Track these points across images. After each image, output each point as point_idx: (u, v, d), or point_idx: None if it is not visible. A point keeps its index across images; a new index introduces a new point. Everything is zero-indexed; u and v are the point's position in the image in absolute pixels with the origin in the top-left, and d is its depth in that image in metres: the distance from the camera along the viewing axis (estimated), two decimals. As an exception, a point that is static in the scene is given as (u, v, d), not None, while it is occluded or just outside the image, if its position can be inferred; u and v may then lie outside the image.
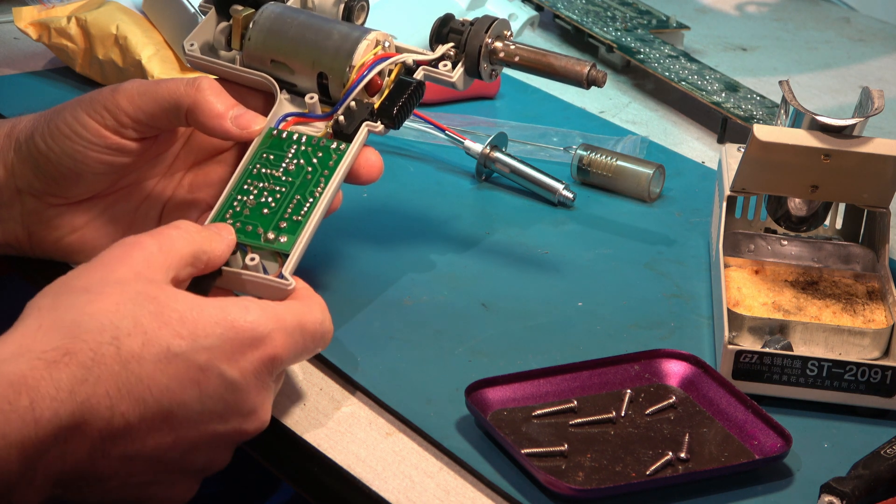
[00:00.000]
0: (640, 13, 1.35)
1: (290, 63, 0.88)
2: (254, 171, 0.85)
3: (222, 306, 0.75)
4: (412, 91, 0.88)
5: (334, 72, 0.88)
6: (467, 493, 0.77)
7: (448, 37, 0.90)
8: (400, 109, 0.87)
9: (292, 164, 0.85)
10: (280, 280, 0.81)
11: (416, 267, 0.95)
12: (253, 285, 0.82)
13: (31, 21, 1.16)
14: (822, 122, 0.89)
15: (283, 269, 0.81)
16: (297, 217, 0.83)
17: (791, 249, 0.95)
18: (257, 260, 0.82)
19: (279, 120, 0.88)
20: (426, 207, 1.03)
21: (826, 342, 0.86)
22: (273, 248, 0.82)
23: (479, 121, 1.15)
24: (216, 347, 0.74)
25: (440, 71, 0.89)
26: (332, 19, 0.90)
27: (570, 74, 0.90)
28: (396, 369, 0.85)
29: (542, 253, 0.99)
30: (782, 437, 0.79)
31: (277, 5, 0.90)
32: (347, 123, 0.87)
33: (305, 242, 0.83)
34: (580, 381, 0.84)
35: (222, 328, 0.74)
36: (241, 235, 0.83)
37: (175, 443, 0.74)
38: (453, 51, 0.90)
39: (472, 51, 0.89)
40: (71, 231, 0.90)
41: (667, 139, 1.18)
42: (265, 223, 0.83)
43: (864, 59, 1.39)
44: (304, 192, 0.84)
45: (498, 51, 0.90)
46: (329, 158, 0.86)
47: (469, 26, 0.90)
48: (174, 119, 0.86)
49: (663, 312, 0.93)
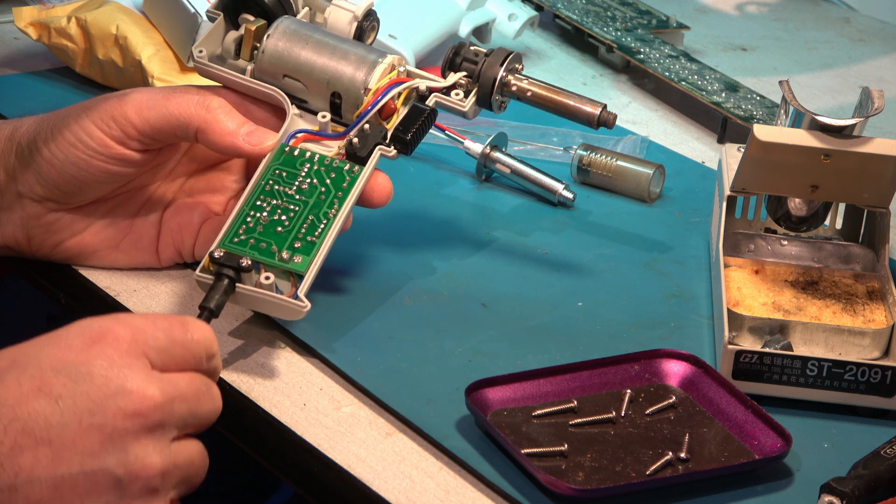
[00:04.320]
0: (640, 13, 1.35)
1: (303, 80, 0.89)
2: (266, 188, 0.86)
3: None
4: (425, 119, 0.89)
5: (349, 94, 0.88)
6: (467, 493, 0.77)
7: (461, 66, 0.91)
8: (413, 136, 0.88)
9: (305, 182, 0.86)
10: (295, 301, 0.82)
11: (416, 267, 0.95)
12: (268, 305, 0.83)
13: (31, 21, 1.16)
14: (822, 122, 0.89)
15: (298, 290, 0.82)
16: (312, 238, 0.84)
17: (791, 249, 0.95)
18: (272, 279, 0.82)
19: (290, 136, 0.88)
20: (426, 207, 1.03)
21: (826, 342, 0.86)
22: (288, 267, 0.83)
23: (479, 121, 1.15)
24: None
25: (452, 100, 0.90)
26: (346, 39, 0.90)
27: (581, 114, 0.92)
28: (396, 369, 0.85)
29: (542, 253, 0.99)
30: (782, 437, 0.79)
31: (293, 21, 0.90)
32: (361, 146, 0.87)
33: (319, 263, 0.83)
34: (580, 381, 0.84)
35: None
36: (256, 252, 0.83)
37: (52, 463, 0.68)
38: (465, 80, 0.91)
39: (486, 83, 0.90)
40: (71, 235, 0.90)
41: (667, 139, 1.18)
42: (279, 242, 0.83)
43: (864, 59, 1.39)
44: (317, 213, 0.85)
45: (511, 84, 0.91)
46: (342, 180, 0.86)
47: (484, 57, 0.91)
48: (182, 136, 0.87)
49: (663, 312, 0.93)
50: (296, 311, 0.82)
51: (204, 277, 0.82)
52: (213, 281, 0.82)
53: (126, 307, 0.89)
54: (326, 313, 0.87)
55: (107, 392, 0.68)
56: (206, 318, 0.80)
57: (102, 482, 0.68)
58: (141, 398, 0.69)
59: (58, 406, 0.67)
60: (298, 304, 0.82)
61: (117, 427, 0.68)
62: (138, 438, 0.69)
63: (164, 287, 0.91)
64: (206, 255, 0.83)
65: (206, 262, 0.83)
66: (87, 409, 0.68)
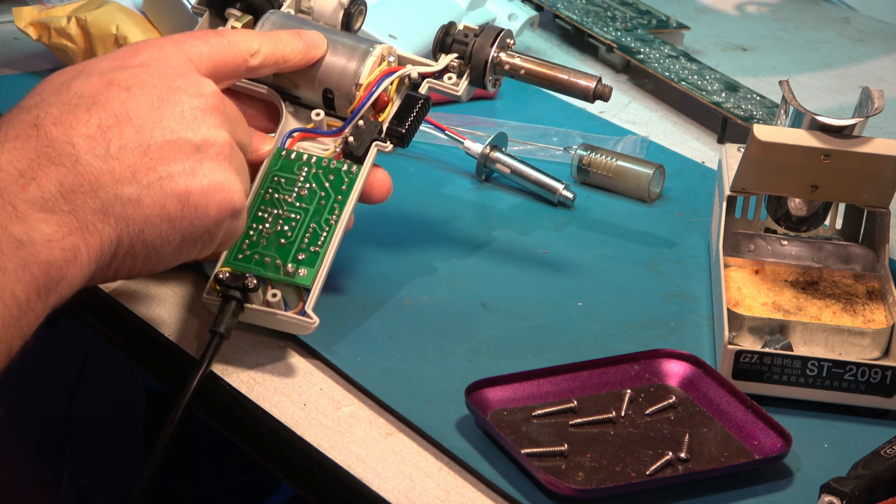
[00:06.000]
0: (640, 13, 1.35)
1: (294, 78, 0.88)
2: (266, 197, 0.85)
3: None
4: (419, 108, 0.88)
5: (341, 90, 0.88)
6: (467, 493, 0.77)
7: (452, 47, 0.90)
8: (409, 129, 0.88)
9: (304, 188, 0.86)
10: (303, 318, 0.83)
11: (415, 267, 0.95)
12: (276, 322, 0.83)
13: (31, 21, 1.16)
14: (822, 122, 0.89)
15: (306, 305, 0.83)
16: (315, 248, 0.84)
17: (791, 249, 0.95)
18: (279, 296, 0.83)
19: (286, 136, 0.88)
20: (426, 207, 1.03)
21: (826, 342, 0.86)
22: (294, 282, 0.83)
23: (479, 121, 1.15)
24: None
25: (445, 84, 0.90)
26: (333, 29, 0.90)
27: (576, 88, 0.91)
28: (396, 369, 0.85)
29: (542, 253, 0.99)
30: (782, 437, 0.79)
31: (279, 14, 0.89)
32: (357, 144, 0.87)
33: (325, 274, 0.84)
34: (580, 381, 0.84)
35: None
36: (261, 269, 0.83)
37: (139, 137, 0.76)
38: (457, 62, 0.90)
39: (478, 64, 0.90)
40: None
41: (667, 139, 1.18)
42: (283, 255, 0.83)
43: (864, 59, 1.39)
44: (319, 221, 0.85)
45: (503, 63, 0.90)
46: (341, 182, 0.86)
47: (473, 37, 0.90)
48: None
49: (663, 312, 0.93)
50: (304, 327, 0.83)
51: (211, 300, 0.83)
52: (221, 303, 0.82)
53: (126, 307, 0.89)
54: (326, 313, 0.87)
55: (169, 80, 0.78)
56: (217, 343, 0.81)
57: (184, 148, 0.76)
58: (198, 81, 0.79)
59: (130, 94, 0.76)
60: (307, 320, 0.83)
61: (186, 106, 0.77)
62: (205, 115, 0.78)
63: (164, 287, 0.91)
64: (212, 277, 0.83)
65: (211, 284, 0.83)
66: (157, 94, 0.77)
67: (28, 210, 0.71)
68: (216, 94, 0.79)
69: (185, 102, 0.77)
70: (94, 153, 0.73)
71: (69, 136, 0.73)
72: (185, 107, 0.77)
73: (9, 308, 0.69)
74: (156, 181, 0.75)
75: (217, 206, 0.77)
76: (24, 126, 0.73)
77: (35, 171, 0.72)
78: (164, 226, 0.76)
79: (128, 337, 0.89)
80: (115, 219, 0.74)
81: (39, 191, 0.71)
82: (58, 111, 0.74)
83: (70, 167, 0.72)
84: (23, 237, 0.70)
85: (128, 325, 0.89)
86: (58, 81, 0.76)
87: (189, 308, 0.89)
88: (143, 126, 0.75)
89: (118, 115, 0.75)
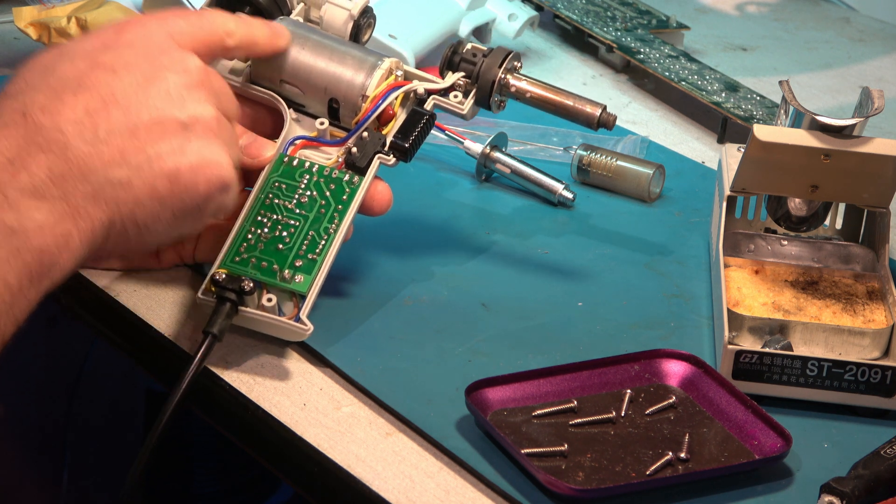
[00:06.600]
0: (640, 13, 1.35)
1: (301, 86, 0.88)
2: (266, 202, 0.85)
3: None
4: (424, 124, 0.88)
5: (347, 101, 0.88)
6: (467, 493, 0.77)
7: (459, 66, 0.90)
8: (412, 144, 0.88)
9: (305, 195, 0.86)
10: (297, 324, 0.82)
11: (415, 267, 0.95)
12: (270, 327, 0.83)
13: (31, 21, 1.16)
14: (822, 122, 0.89)
15: (300, 311, 0.83)
16: (313, 255, 0.84)
17: (791, 249, 0.95)
18: (274, 301, 0.83)
19: (288, 143, 0.88)
20: (426, 207, 1.03)
21: (826, 342, 0.86)
22: (290, 288, 0.83)
23: (479, 121, 1.14)
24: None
25: (451, 102, 0.90)
26: (342, 41, 0.90)
27: (581, 115, 0.91)
28: (396, 369, 0.85)
29: (542, 253, 0.99)
30: (782, 437, 0.79)
31: (290, 22, 0.90)
32: (360, 155, 0.87)
33: (321, 282, 0.84)
34: (580, 381, 0.84)
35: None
36: (258, 273, 0.83)
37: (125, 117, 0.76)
38: (464, 81, 0.90)
39: (485, 84, 0.90)
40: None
41: (667, 139, 1.18)
42: (280, 260, 0.83)
43: (864, 59, 1.39)
44: (318, 229, 0.85)
45: (510, 85, 0.90)
46: (342, 192, 0.86)
47: (482, 58, 0.90)
48: None
49: (663, 312, 0.93)
50: (298, 334, 0.83)
51: (206, 300, 0.83)
52: (216, 304, 0.82)
53: (126, 307, 0.89)
54: (326, 314, 0.87)
55: (154, 58, 0.78)
56: (210, 343, 0.81)
57: (171, 127, 0.76)
58: (182, 57, 0.79)
59: (116, 75, 0.76)
60: (301, 326, 0.82)
61: (172, 83, 0.77)
62: (191, 91, 0.78)
63: (164, 287, 0.91)
64: (208, 277, 0.83)
65: (207, 285, 0.83)
66: (142, 73, 0.77)
67: (19, 198, 0.71)
68: (201, 68, 0.79)
69: (170, 80, 0.77)
70: (82, 138, 0.74)
71: (57, 123, 0.73)
72: (170, 84, 0.77)
73: (1, 295, 0.69)
74: (145, 162, 0.75)
75: (206, 181, 0.77)
76: (11, 114, 0.73)
77: (25, 158, 0.72)
78: (155, 205, 0.76)
79: (127, 337, 0.89)
80: (105, 202, 0.74)
81: (30, 178, 0.71)
82: (44, 97, 0.74)
83: (59, 153, 0.73)
84: (14, 225, 0.70)
85: (127, 325, 0.88)
86: (42, 64, 0.77)
87: (189, 308, 0.89)
88: (130, 107, 0.75)
89: (105, 98, 0.75)
